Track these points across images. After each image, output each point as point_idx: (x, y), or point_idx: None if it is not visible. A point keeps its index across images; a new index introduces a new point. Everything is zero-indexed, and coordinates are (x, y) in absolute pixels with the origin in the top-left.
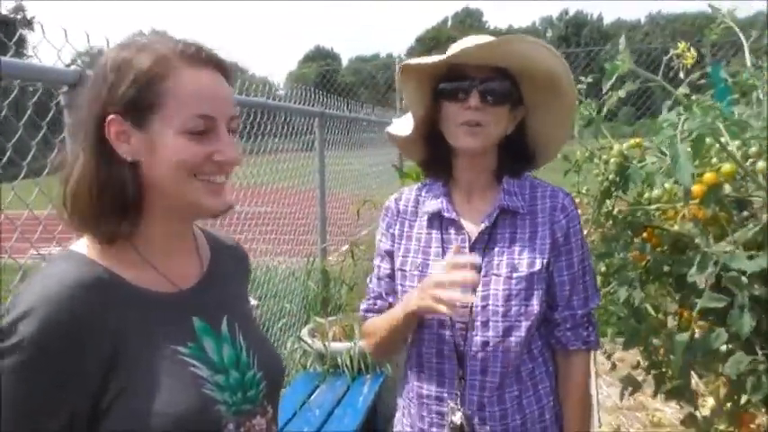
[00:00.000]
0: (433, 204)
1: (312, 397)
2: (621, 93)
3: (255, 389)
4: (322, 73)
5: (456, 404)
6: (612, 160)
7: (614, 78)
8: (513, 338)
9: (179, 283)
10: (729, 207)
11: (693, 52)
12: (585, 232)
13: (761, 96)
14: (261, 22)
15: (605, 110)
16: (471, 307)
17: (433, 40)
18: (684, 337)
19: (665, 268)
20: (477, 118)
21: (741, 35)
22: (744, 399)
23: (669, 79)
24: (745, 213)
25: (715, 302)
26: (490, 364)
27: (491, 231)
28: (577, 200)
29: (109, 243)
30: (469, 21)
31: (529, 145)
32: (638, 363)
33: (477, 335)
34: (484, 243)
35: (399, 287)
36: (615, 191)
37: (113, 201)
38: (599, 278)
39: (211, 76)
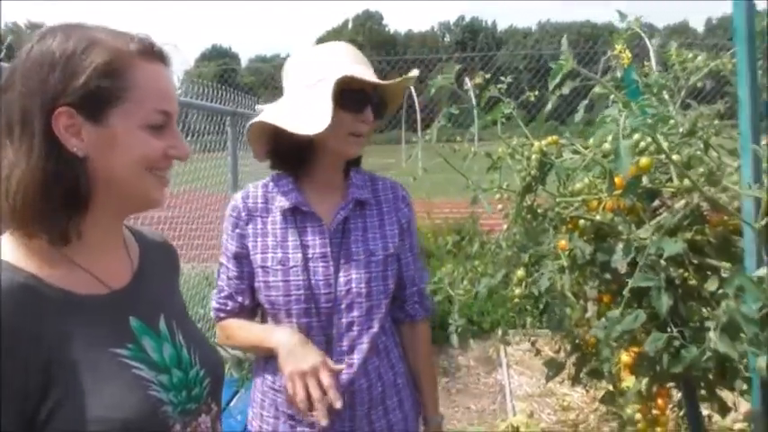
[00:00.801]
0: (286, 199)
1: (232, 403)
2: (566, 89)
3: (199, 387)
4: (220, 72)
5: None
6: (534, 156)
7: (560, 74)
8: (375, 317)
9: (110, 283)
10: (644, 197)
11: (629, 53)
12: (506, 226)
13: (666, 96)
14: (153, 18)
15: (551, 105)
16: (335, 292)
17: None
18: (616, 313)
19: (588, 256)
20: (364, 130)
21: (647, 41)
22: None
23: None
24: (657, 203)
25: (646, 282)
26: (356, 343)
27: (344, 221)
28: (497, 196)
29: (63, 243)
30: (369, 23)
31: None
32: (560, 348)
33: (342, 318)
34: (340, 232)
35: (262, 284)
36: (536, 186)
37: (63, 198)
38: (522, 269)
39: (166, 72)
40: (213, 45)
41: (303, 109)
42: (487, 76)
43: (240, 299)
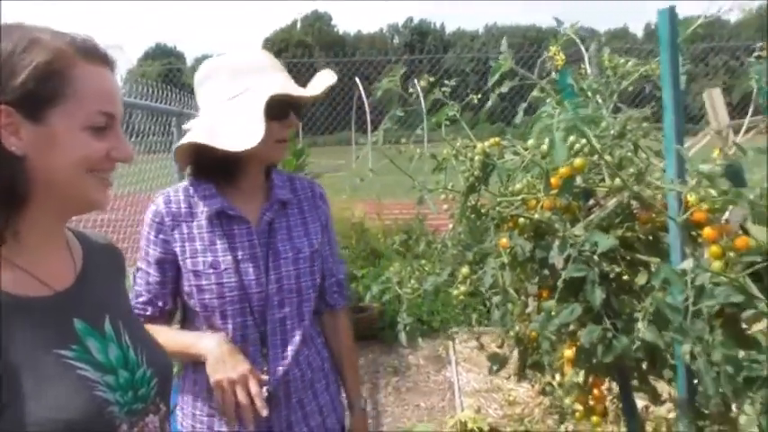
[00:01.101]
0: (212, 204)
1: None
2: (504, 88)
3: (146, 387)
4: (165, 72)
5: (266, 385)
6: (477, 158)
7: (498, 73)
8: (305, 310)
9: (53, 285)
10: (579, 197)
11: (562, 55)
12: (451, 226)
13: (599, 100)
14: (95, 16)
15: (490, 103)
16: (267, 291)
17: (283, 42)
18: (550, 305)
19: (528, 253)
20: (287, 136)
21: (581, 46)
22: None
23: (520, 85)
24: (591, 202)
25: (578, 273)
26: (289, 337)
27: (270, 221)
28: (442, 196)
29: (6, 241)
30: (318, 24)
31: None
32: (502, 342)
33: (275, 314)
34: (266, 233)
35: (194, 287)
36: (479, 186)
37: (1, 197)
38: (466, 267)
39: (109, 74)
40: (157, 44)
41: (231, 123)
42: (431, 79)
43: (161, 303)
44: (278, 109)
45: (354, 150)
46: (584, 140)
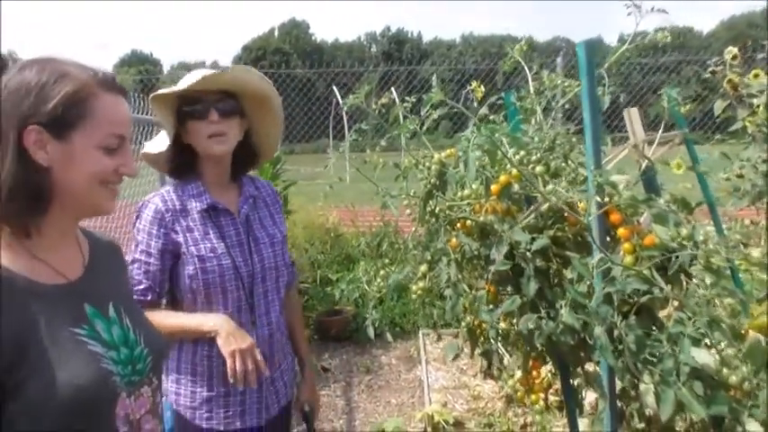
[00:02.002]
0: (201, 201)
1: None
2: (435, 115)
3: (143, 363)
4: (141, 79)
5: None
6: (433, 167)
7: (429, 104)
8: (281, 285)
9: (67, 275)
10: (520, 202)
11: (482, 89)
12: (413, 229)
13: (539, 118)
14: (68, 21)
15: (426, 126)
16: (252, 269)
17: (260, 50)
18: (482, 292)
19: (475, 251)
20: (220, 129)
21: (525, 66)
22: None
23: (479, 101)
24: (533, 207)
25: (504, 266)
26: (271, 306)
27: (247, 214)
28: (405, 202)
29: (23, 237)
30: (296, 32)
31: (253, 148)
32: (458, 334)
33: (260, 288)
34: (245, 223)
35: (199, 270)
36: (436, 192)
37: (27, 200)
38: (425, 265)
39: (122, 102)
40: (133, 50)
41: (161, 134)
42: (393, 96)
43: (158, 290)
44: (192, 111)
45: (332, 158)
46: (522, 153)
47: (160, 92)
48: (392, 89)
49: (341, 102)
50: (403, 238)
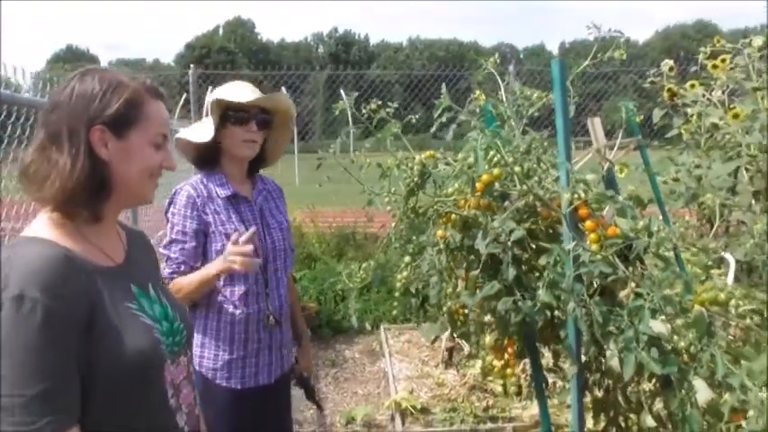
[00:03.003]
0: (226, 189)
1: None
2: (443, 118)
3: (180, 335)
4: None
5: (269, 311)
6: (415, 167)
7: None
8: (288, 264)
9: (115, 258)
10: (498, 198)
11: (483, 95)
12: (393, 224)
13: (513, 123)
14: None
15: (434, 129)
16: (266, 249)
17: (204, 48)
18: (475, 273)
19: (459, 242)
20: (254, 137)
21: (498, 77)
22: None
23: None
24: (507, 203)
25: (495, 249)
26: (281, 282)
27: (260, 203)
28: (386, 199)
29: (94, 221)
30: (241, 31)
31: (267, 153)
32: (436, 312)
33: (271, 265)
34: (259, 210)
35: (219, 245)
36: (417, 190)
37: (94, 190)
38: (408, 257)
39: (163, 105)
40: (68, 45)
41: (200, 126)
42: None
43: (192, 263)
44: (236, 118)
45: (280, 160)
46: (500, 155)
47: (220, 97)
48: (342, 92)
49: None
50: (367, 235)
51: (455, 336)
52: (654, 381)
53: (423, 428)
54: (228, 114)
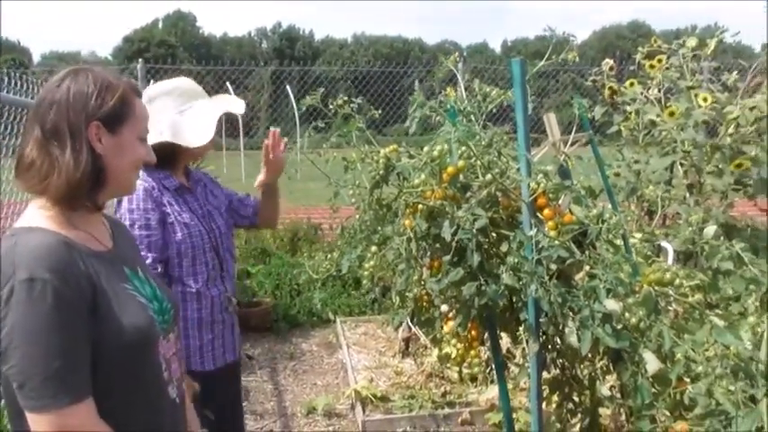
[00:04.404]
0: (171, 182)
1: None
2: (418, 114)
3: (169, 314)
4: (7, 66)
5: (227, 293)
6: (380, 161)
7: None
8: (231, 245)
9: (105, 244)
10: (462, 189)
11: (453, 92)
12: (357, 216)
13: (473, 119)
14: None
15: (413, 129)
16: (215, 233)
17: (143, 42)
18: (447, 258)
19: (425, 231)
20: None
21: (458, 74)
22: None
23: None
24: (469, 194)
25: (464, 235)
26: (230, 263)
27: (200, 193)
28: (350, 192)
29: (96, 210)
30: (182, 24)
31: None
32: (401, 303)
33: (221, 249)
34: (200, 199)
35: (186, 234)
36: (382, 183)
37: (93, 182)
38: (375, 247)
39: (143, 103)
40: None
41: (190, 128)
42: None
43: (161, 257)
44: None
45: (225, 156)
46: (464, 148)
47: (191, 145)
48: (288, 87)
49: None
50: (320, 230)
51: (415, 324)
52: (607, 356)
53: (383, 415)
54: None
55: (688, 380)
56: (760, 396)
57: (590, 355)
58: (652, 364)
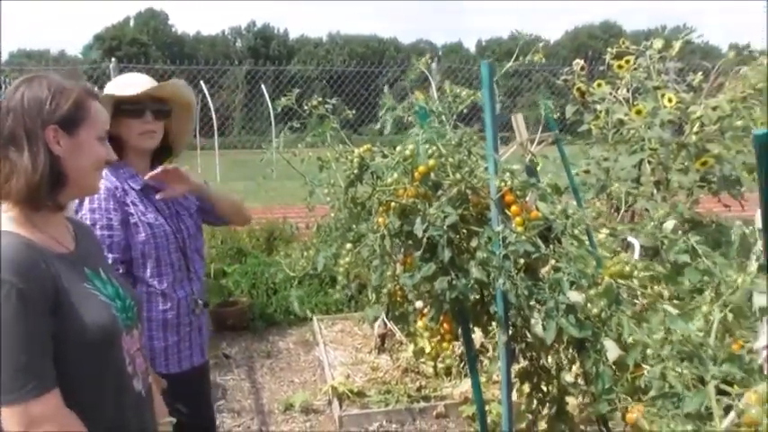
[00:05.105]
0: (137, 182)
1: None
2: (389, 116)
3: (131, 311)
4: None
5: (194, 295)
6: (355, 160)
7: (385, 108)
8: (200, 246)
9: (67, 246)
10: (433, 187)
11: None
12: (332, 215)
13: (444, 119)
14: None
15: (388, 131)
16: (183, 233)
17: (114, 40)
18: (418, 254)
19: (398, 228)
20: (152, 128)
21: (430, 77)
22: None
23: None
24: (440, 192)
25: (430, 233)
26: (198, 263)
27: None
28: (326, 190)
29: (59, 210)
30: (154, 23)
31: (169, 145)
32: (372, 298)
33: (189, 249)
34: (170, 200)
35: (150, 235)
36: (356, 182)
37: (53, 183)
38: (349, 244)
39: (100, 105)
40: None
41: (122, 83)
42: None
43: (123, 257)
44: (130, 110)
45: (199, 156)
46: (435, 147)
47: (109, 93)
48: (263, 86)
49: (209, 99)
50: (295, 229)
51: (389, 320)
52: (572, 346)
53: (359, 410)
54: (122, 108)
55: (648, 367)
56: (708, 378)
57: (556, 345)
58: (612, 351)
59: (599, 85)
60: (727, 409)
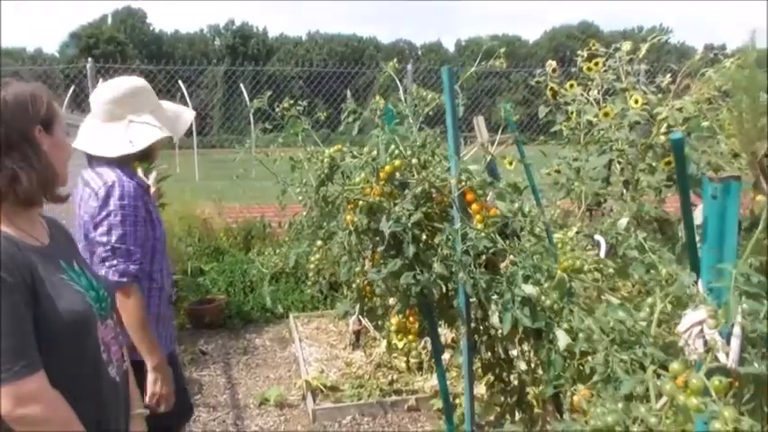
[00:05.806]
0: (140, 182)
1: None
2: (352, 119)
3: (105, 302)
4: None
5: (170, 288)
6: (325, 160)
7: (348, 111)
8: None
9: (42, 240)
10: (398, 186)
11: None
12: (305, 213)
13: (410, 121)
14: None
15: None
16: (163, 233)
17: (91, 38)
18: (381, 248)
19: (365, 225)
20: None
21: (397, 80)
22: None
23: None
24: (407, 192)
25: (394, 228)
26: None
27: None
28: (297, 189)
29: (61, 202)
30: (131, 21)
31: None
32: (347, 294)
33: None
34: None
35: (161, 233)
36: (327, 181)
37: (47, 180)
38: (320, 241)
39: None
40: None
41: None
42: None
43: (143, 253)
44: None
45: (178, 155)
46: (399, 148)
47: (173, 131)
48: (242, 86)
49: (188, 98)
50: (269, 228)
51: (362, 315)
52: (530, 336)
53: (333, 404)
54: None
55: (597, 354)
56: (647, 363)
57: (514, 337)
58: (562, 340)
59: (571, 86)
60: None
